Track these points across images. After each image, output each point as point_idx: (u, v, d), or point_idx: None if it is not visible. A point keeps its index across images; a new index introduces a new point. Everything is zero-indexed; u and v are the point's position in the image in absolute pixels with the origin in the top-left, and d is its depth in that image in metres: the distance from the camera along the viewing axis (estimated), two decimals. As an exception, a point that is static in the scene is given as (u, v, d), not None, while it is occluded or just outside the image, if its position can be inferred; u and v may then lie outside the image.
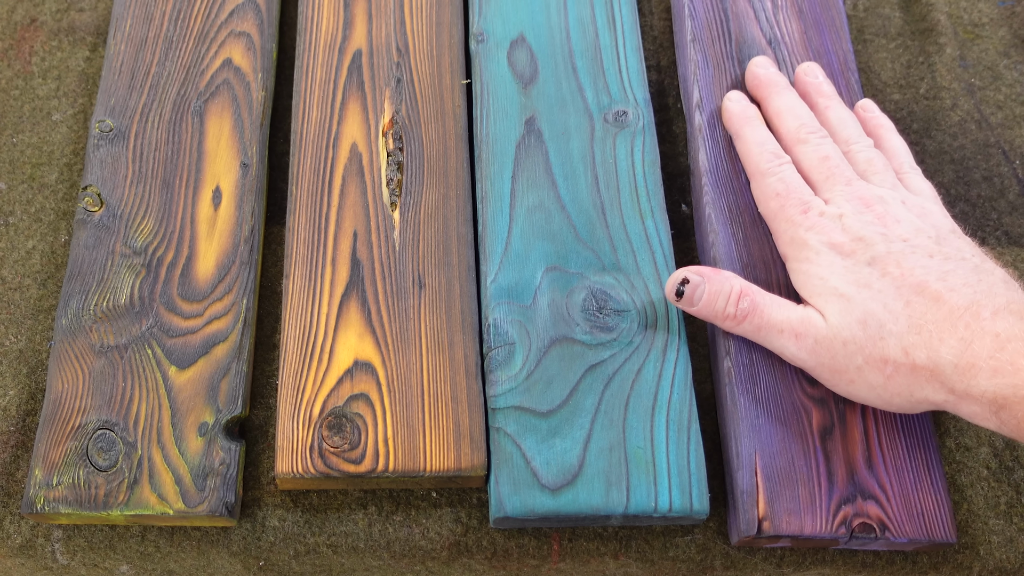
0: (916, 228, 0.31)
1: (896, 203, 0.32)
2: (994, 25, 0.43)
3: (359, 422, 0.31)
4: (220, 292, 0.34)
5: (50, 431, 0.31)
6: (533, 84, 0.38)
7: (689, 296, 0.31)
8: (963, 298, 0.28)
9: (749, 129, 0.35)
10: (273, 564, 0.32)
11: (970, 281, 0.29)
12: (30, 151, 0.38)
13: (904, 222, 0.31)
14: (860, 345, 0.29)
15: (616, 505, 0.30)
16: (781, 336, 0.30)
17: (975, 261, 0.30)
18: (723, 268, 0.35)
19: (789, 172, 0.33)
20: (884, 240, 0.30)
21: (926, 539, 0.30)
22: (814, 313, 0.30)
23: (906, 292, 0.29)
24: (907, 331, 0.28)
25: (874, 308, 0.29)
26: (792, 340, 0.30)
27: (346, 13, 0.39)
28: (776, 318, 0.31)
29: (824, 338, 0.30)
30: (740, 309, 0.31)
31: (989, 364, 0.27)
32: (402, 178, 0.36)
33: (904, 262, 0.29)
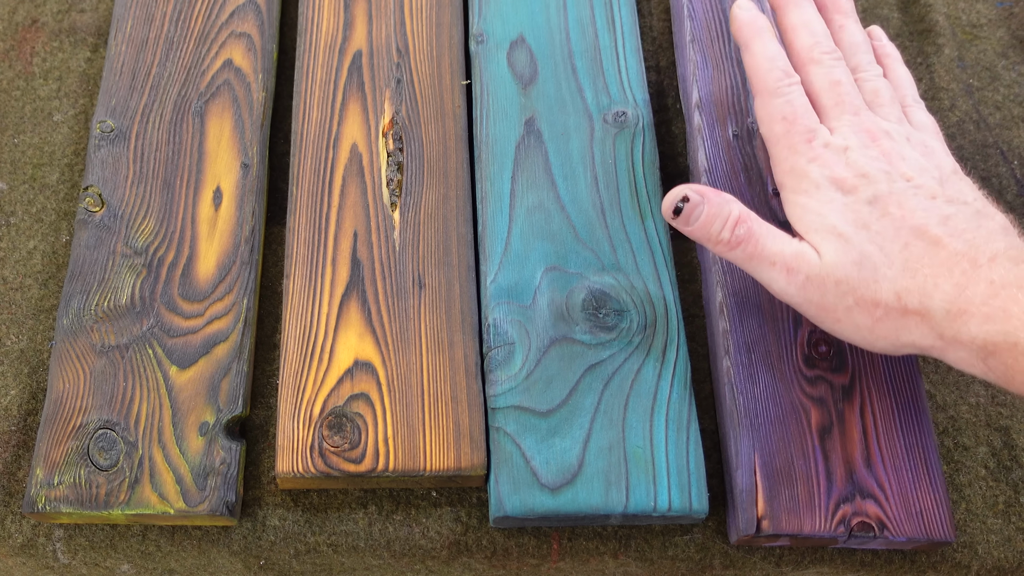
0: (920, 167, 0.30)
1: (902, 139, 0.31)
2: (992, 26, 0.43)
3: (359, 422, 0.31)
4: (221, 292, 0.34)
5: (51, 431, 0.31)
6: (533, 85, 0.38)
7: (686, 215, 0.30)
8: (962, 243, 0.27)
9: (759, 42, 0.33)
10: (274, 563, 0.32)
11: (970, 226, 0.28)
12: (31, 151, 0.39)
13: (909, 160, 0.30)
14: (853, 286, 0.28)
15: (615, 504, 0.30)
16: (772, 269, 0.30)
17: (976, 205, 0.29)
18: (724, 268, 0.35)
19: (798, 95, 0.32)
20: (887, 178, 0.29)
21: (924, 538, 0.30)
22: (808, 249, 0.29)
23: (905, 234, 0.28)
24: (901, 274, 0.28)
25: (871, 250, 0.28)
26: (783, 274, 0.29)
27: (346, 14, 0.39)
28: (770, 249, 0.30)
29: (816, 276, 0.29)
30: (735, 235, 0.30)
31: (981, 311, 0.26)
32: (402, 178, 0.36)
33: (906, 203, 0.29)
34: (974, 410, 0.35)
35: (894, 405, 0.32)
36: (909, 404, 0.33)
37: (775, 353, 0.33)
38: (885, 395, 0.33)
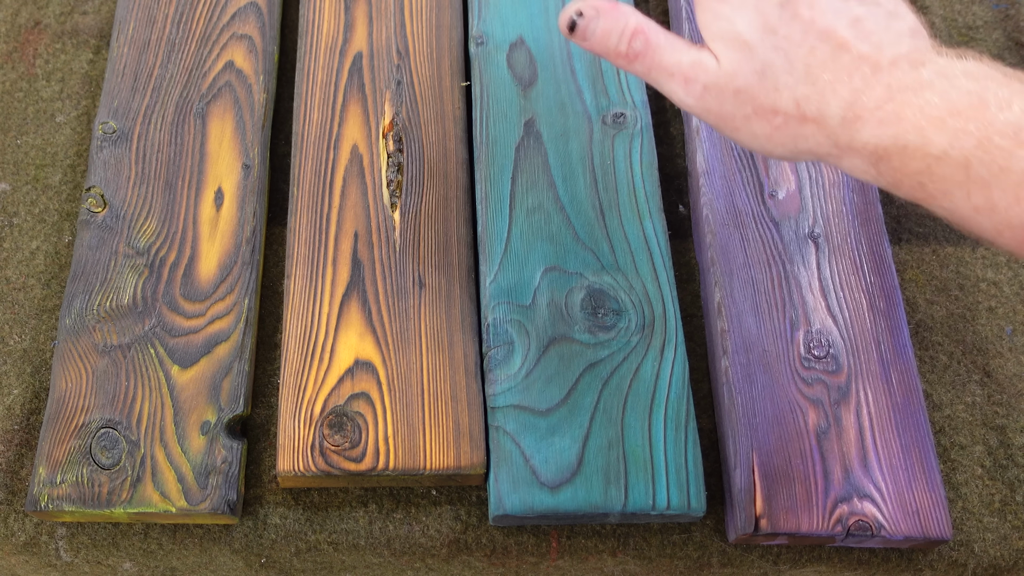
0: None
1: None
2: (988, 28, 0.43)
3: (360, 421, 0.32)
4: (222, 292, 0.34)
5: (54, 430, 0.31)
6: (532, 87, 0.38)
7: (582, 30, 0.30)
8: (868, 46, 0.27)
9: None
10: (274, 561, 0.32)
11: (879, 27, 0.27)
12: (34, 153, 0.39)
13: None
14: (753, 95, 0.28)
15: (614, 503, 0.30)
16: (672, 80, 0.29)
17: (889, 6, 0.28)
18: (722, 269, 0.35)
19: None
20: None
21: (921, 536, 0.31)
22: (708, 57, 0.29)
23: (812, 38, 0.27)
24: (802, 81, 0.27)
25: (774, 58, 0.28)
26: (681, 84, 0.29)
27: (347, 16, 0.40)
28: (667, 60, 0.29)
29: (714, 85, 0.28)
30: (632, 48, 0.29)
31: (875, 115, 0.26)
32: (402, 179, 0.36)
33: (817, 3, 0.28)
34: (970, 409, 0.35)
35: (890, 405, 0.33)
36: (905, 404, 0.33)
37: (772, 354, 0.33)
38: (881, 395, 0.33)
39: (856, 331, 0.34)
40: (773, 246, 0.35)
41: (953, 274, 0.38)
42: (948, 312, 0.37)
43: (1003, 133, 0.24)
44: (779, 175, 0.37)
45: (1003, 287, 0.38)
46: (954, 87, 0.25)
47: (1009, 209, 0.24)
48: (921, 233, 0.39)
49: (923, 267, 0.38)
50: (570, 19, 0.30)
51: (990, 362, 0.36)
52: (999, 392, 0.36)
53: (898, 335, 0.34)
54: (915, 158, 0.25)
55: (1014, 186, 0.24)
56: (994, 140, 0.24)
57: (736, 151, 0.37)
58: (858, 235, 0.36)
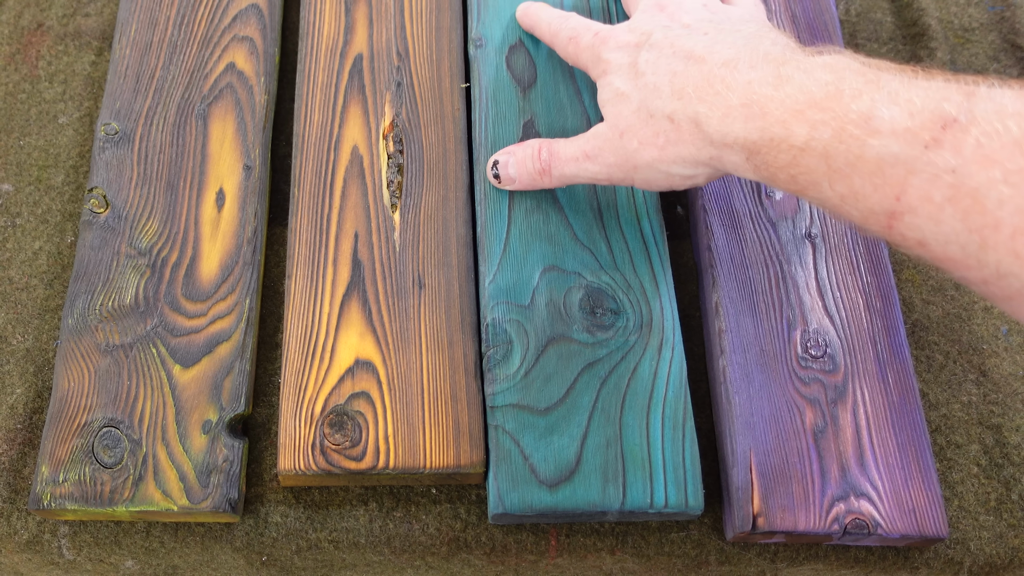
0: (703, 17, 0.31)
1: (695, 5, 0.32)
2: (984, 30, 0.44)
3: (360, 420, 0.32)
4: (223, 292, 0.34)
5: (56, 429, 0.32)
6: (531, 88, 0.38)
7: (505, 175, 0.32)
8: (725, 55, 0.28)
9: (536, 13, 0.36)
10: (275, 559, 0.32)
11: (737, 41, 0.29)
12: (37, 153, 0.39)
13: (692, 12, 0.31)
14: (635, 130, 0.29)
15: (612, 501, 0.31)
16: (580, 164, 0.31)
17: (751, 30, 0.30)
18: (720, 269, 0.35)
19: (575, 19, 0.34)
20: (664, 28, 0.30)
21: (918, 535, 0.31)
22: (598, 125, 0.31)
23: (674, 63, 0.29)
24: (671, 99, 0.28)
25: (646, 94, 0.29)
26: (587, 162, 0.31)
27: (347, 18, 0.40)
28: (570, 151, 0.31)
29: (607, 142, 0.30)
30: (543, 160, 0.32)
31: (741, 112, 0.27)
32: (402, 180, 0.36)
33: (678, 41, 0.29)
34: (966, 408, 0.35)
35: (887, 404, 0.33)
36: (902, 403, 0.33)
37: (770, 353, 0.33)
38: (878, 394, 0.33)
39: (853, 331, 0.34)
40: (770, 246, 0.36)
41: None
42: (944, 312, 0.37)
43: (856, 122, 0.24)
44: (776, 176, 0.37)
45: (999, 287, 0.38)
46: (812, 79, 0.26)
47: (869, 197, 0.24)
48: (918, 233, 0.39)
49: (919, 267, 0.38)
50: (492, 175, 0.33)
51: (986, 361, 0.36)
52: (995, 391, 0.36)
53: (894, 335, 0.34)
54: (782, 150, 0.26)
55: (870, 174, 0.24)
56: (848, 129, 0.24)
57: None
58: (854, 235, 0.36)
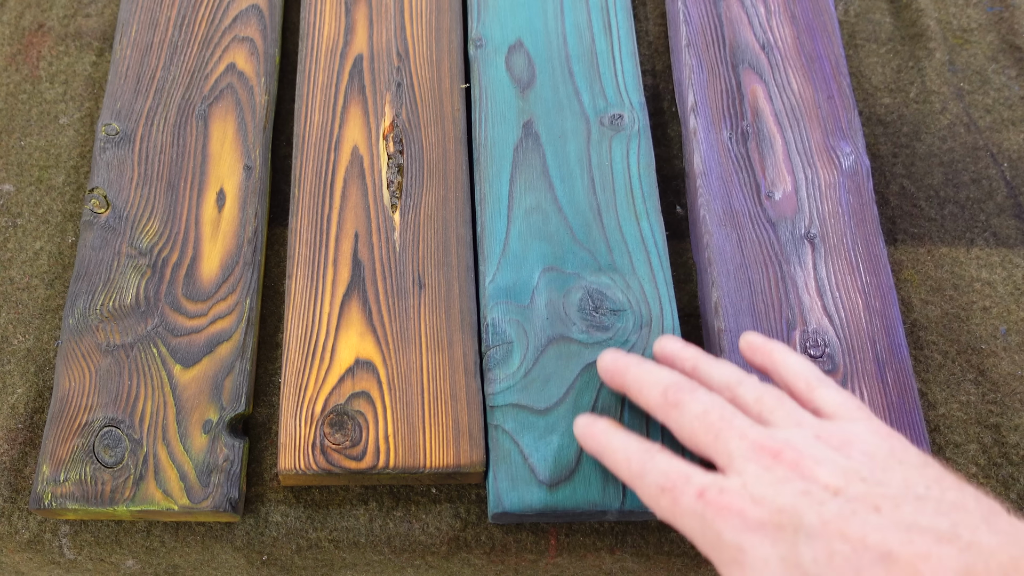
0: (844, 469, 0.23)
1: (809, 441, 0.24)
2: (982, 30, 0.44)
3: (360, 419, 0.32)
4: (224, 292, 0.34)
5: (57, 428, 0.32)
6: (531, 88, 0.39)
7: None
8: (947, 566, 0.20)
9: (607, 439, 0.28)
10: (276, 558, 0.33)
11: (942, 530, 0.21)
12: (38, 154, 0.39)
13: (826, 463, 0.24)
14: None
15: (612, 500, 0.31)
16: None
17: (934, 492, 0.22)
18: (719, 269, 0.35)
19: (663, 459, 0.26)
20: (811, 502, 0.23)
21: (916, 534, 0.31)
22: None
23: (871, 569, 0.21)
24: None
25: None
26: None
27: (347, 19, 0.40)
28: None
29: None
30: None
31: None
32: (402, 180, 0.37)
33: (849, 528, 0.22)
34: (965, 408, 0.36)
35: (886, 404, 0.33)
36: (901, 403, 0.33)
37: (769, 352, 0.34)
38: (877, 394, 0.33)
39: (852, 331, 0.34)
40: (770, 247, 0.36)
41: (948, 274, 0.38)
42: (943, 312, 0.37)
43: None
44: (775, 176, 0.37)
45: (997, 287, 0.38)
46: None
47: None
48: (916, 234, 0.39)
49: (918, 267, 0.38)
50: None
51: (984, 361, 0.36)
52: (993, 391, 0.36)
53: (893, 335, 0.34)
54: None
55: None
56: None
57: (733, 153, 0.38)
58: (854, 236, 0.36)
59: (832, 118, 0.38)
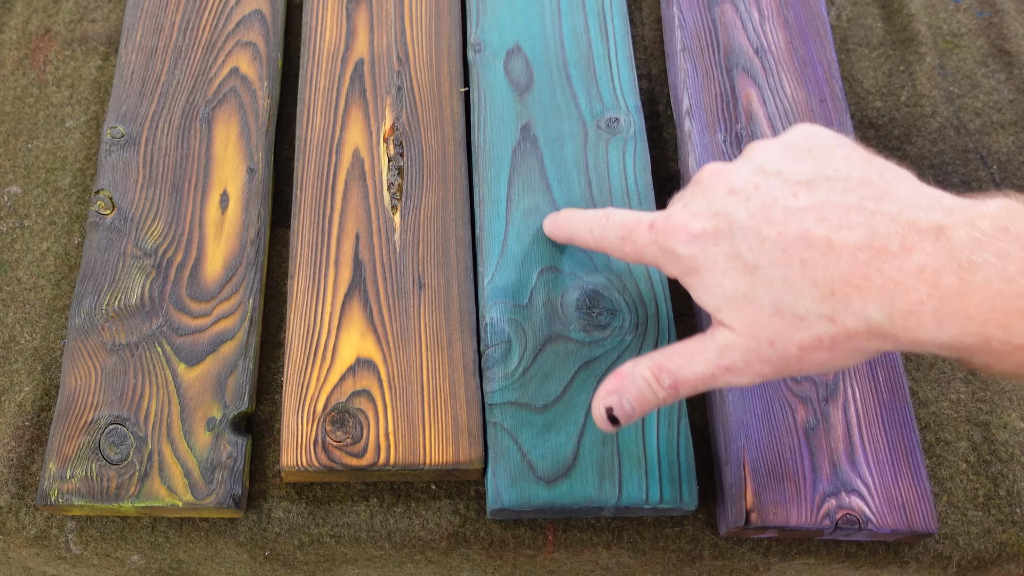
0: (755, 167, 0.26)
1: (728, 165, 0.27)
2: (972, 35, 0.44)
3: (361, 417, 0.32)
4: (227, 292, 0.35)
5: (64, 426, 0.32)
6: (528, 92, 0.39)
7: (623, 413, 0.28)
8: (856, 234, 0.23)
9: (569, 225, 0.33)
10: (278, 554, 0.33)
11: (850, 204, 0.23)
12: (44, 156, 0.40)
13: (740, 168, 0.26)
14: (787, 338, 0.25)
15: (609, 497, 0.31)
16: (718, 380, 0.26)
17: (842, 171, 0.24)
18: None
19: (616, 214, 0.30)
20: (738, 199, 0.25)
21: (907, 530, 0.31)
22: (725, 334, 0.26)
23: (795, 252, 0.24)
24: (821, 300, 0.24)
25: (777, 292, 0.24)
26: (728, 376, 0.26)
27: (348, 24, 0.41)
28: (699, 372, 0.26)
29: (751, 352, 0.25)
30: (666, 387, 0.27)
31: (932, 316, 0.22)
32: (402, 182, 0.37)
33: (772, 215, 0.24)
34: (955, 406, 0.36)
35: (877, 402, 0.33)
36: (892, 401, 0.34)
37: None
38: (868, 392, 0.34)
39: (844, 330, 0.35)
40: (763, 247, 0.36)
41: (938, 275, 0.39)
42: (934, 311, 0.38)
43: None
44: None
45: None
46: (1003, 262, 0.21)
47: None
48: (908, 235, 0.40)
49: (910, 268, 0.39)
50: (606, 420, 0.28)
51: (974, 360, 0.37)
52: (983, 389, 0.36)
53: (885, 334, 0.35)
54: (1004, 352, 0.22)
55: None
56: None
57: (727, 156, 0.38)
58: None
59: (824, 121, 0.39)
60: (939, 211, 0.23)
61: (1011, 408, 0.36)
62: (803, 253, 0.24)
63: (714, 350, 0.26)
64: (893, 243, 0.23)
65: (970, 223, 0.22)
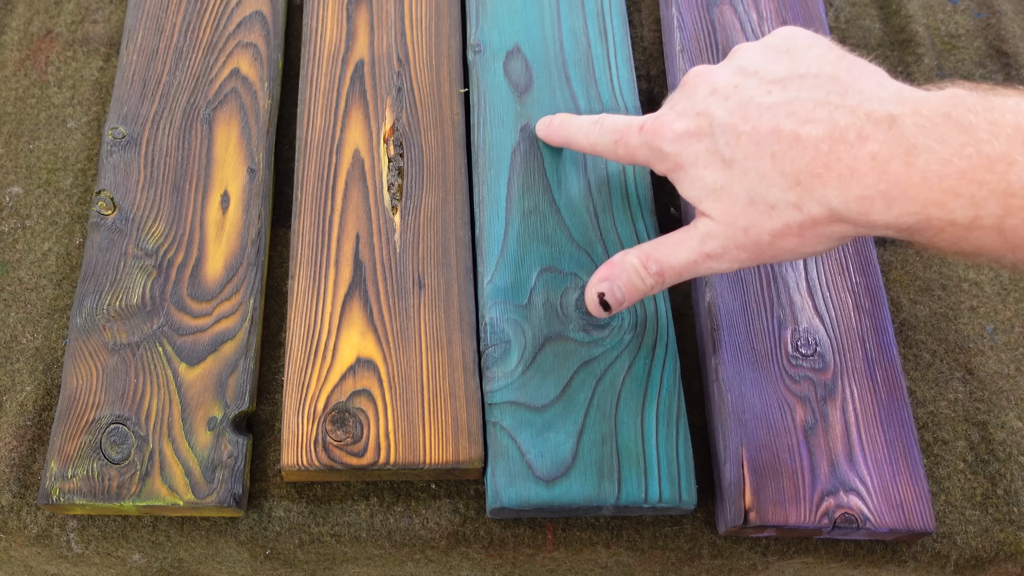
0: (736, 68, 0.28)
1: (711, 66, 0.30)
2: (970, 36, 0.45)
3: (361, 417, 0.32)
4: (228, 292, 0.35)
5: (65, 425, 0.32)
6: (528, 93, 0.39)
7: (614, 300, 0.30)
8: (819, 127, 0.25)
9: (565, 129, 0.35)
10: (279, 553, 0.33)
11: (818, 98, 0.25)
12: (46, 157, 0.40)
13: (722, 69, 0.29)
14: (759, 223, 0.27)
15: (608, 496, 0.31)
16: (700, 267, 0.29)
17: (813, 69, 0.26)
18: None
19: (610, 119, 0.32)
20: (718, 99, 0.28)
21: (905, 529, 0.32)
22: (706, 223, 0.28)
23: (766, 146, 0.26)
24: (788, 189, 0.26)
25: (751, 183, 0.27)
26: (709, 262, 0.28)
27: (349, 25, 0.41)
28: (683, 259, 0.29)
29: (728, 239, 0.28)
30: (653, 274, 0.29)
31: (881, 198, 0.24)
32: (402, 183, 0.37)
33: (748, 112, 0.27)
34: (953, 406, 0.36)
35: (875, 401, 0.34)
36: (890, 400, 0.34)
37: (761, 352, 0.34)
38: (867, 392, 0.34)
39: (842, 330, 0.35)
40: (762, 248, 0.36)
41: (936, 275, 0.39)
42: (931, 311, 0.38)
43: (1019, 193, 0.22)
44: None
45: (984, 287, 0.39)
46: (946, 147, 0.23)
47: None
48: (906, 235, 0.40)
49: (907, 268, 0.39)
50: (598, 305, 0.30)
51: (972, 360, 0.37)
52: (980, 389, 0.37)
53: (883, 334, 0.35)
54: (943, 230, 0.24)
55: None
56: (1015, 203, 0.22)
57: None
58: (844, 237, 0.37)
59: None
60: (894, 102, 0.25)
61: (1008, 408, 0.36)
62: (773, 146, 0.26)
63: (696, 238, 0.29)
64: (851, 134, 0.25)
65: (917, 111, 0.24)
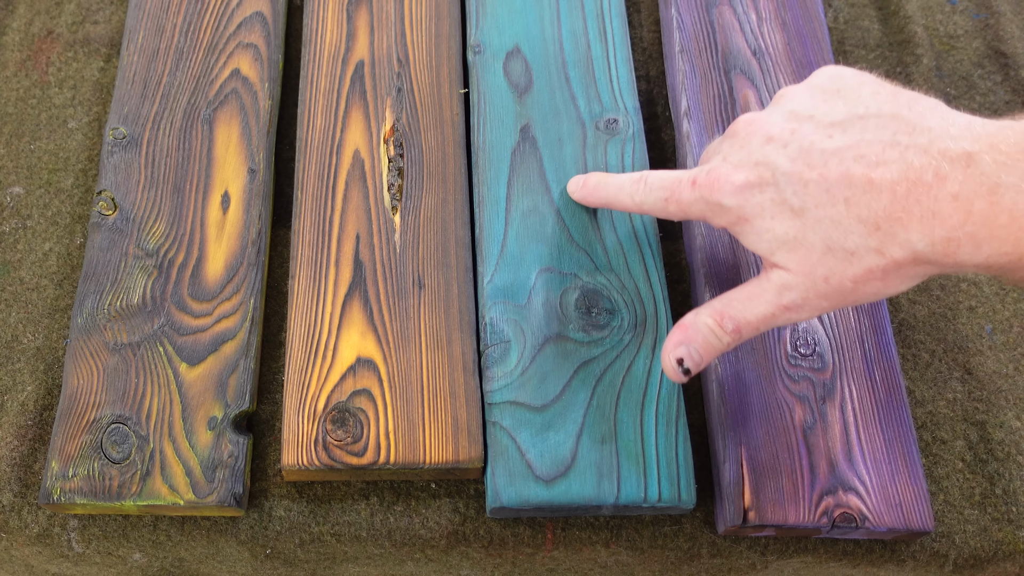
0: (788, 113, 0.28)
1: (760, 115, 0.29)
2: (968, 37, 0.45)
3: (361, 416, 0.33)
4: (228, 292, 0.35)
5: (66, 425, 0.32)
6: (528, 93, 0.39)
7: (695, 364, 0.29)
8: (892, 170, 0.25)
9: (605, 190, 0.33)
10: (279, 552, 0.33)
11: (884, 140, 0.25)
12: (47, 157, 0.40)
13: (773, 115, 0.28)
14: (840, 272, 0.26)
15: (607, 495, 0.31)
16: (778, 319, 0.28)
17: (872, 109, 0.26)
18: (711, 269, 0.36)
19: (654, 177, 0.31)
20: (776, 147, 0.27)
21: (904, 528, 0.32)
22: (779, 275, 0.28)
23: (838, 192, 0.26)
24: (868, 235, 0.25)
25: (826, 231, 0.26)
26: (788, 314, 0.28)
27: (349, 26, 0.41)
28: (760, 314, 0.28)
29: (808, 289, 0.27)
30: (731, 334, 0.29)
31: (968, 240, 0.24)
32: (403, 183, 0.37)
33: (812, 159, 0.26)
34: (951, 405, 0.36)
35: (874, 401, 0.34)
36: (889, 400, 0.34)
37: (760, 351, 0.34)
38: (865, 392, 0.34)
39: (841, 330, 0.35)
40: (761, 248, 0.36)
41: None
42: (930, 311, 0.38)
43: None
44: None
45: (983, 287, 0.39)
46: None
47: None
48: (905, 235, 0.40)
49: (907, 268, 0.39)
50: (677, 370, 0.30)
51: (971, 360, 0.37)
52: (979, 389, 0.37)
53: (881, 334, 0.35)
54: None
55: None
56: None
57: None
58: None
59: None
60: (967, 138, 0.24)
61: (1007, 407, 0.36)
62: (846, 192, 0.26)
63: (772, 291, 0.28)
64: (927, 175, 0.24)
65: (995, 148, 0.23)
